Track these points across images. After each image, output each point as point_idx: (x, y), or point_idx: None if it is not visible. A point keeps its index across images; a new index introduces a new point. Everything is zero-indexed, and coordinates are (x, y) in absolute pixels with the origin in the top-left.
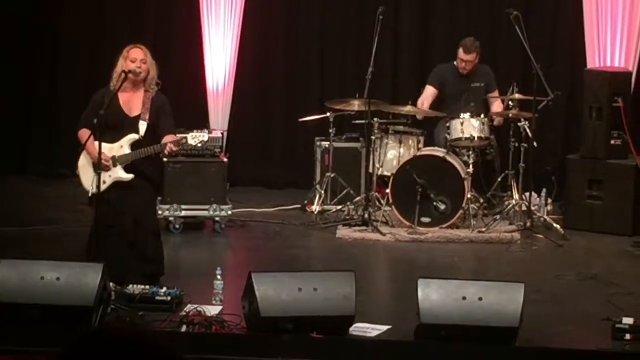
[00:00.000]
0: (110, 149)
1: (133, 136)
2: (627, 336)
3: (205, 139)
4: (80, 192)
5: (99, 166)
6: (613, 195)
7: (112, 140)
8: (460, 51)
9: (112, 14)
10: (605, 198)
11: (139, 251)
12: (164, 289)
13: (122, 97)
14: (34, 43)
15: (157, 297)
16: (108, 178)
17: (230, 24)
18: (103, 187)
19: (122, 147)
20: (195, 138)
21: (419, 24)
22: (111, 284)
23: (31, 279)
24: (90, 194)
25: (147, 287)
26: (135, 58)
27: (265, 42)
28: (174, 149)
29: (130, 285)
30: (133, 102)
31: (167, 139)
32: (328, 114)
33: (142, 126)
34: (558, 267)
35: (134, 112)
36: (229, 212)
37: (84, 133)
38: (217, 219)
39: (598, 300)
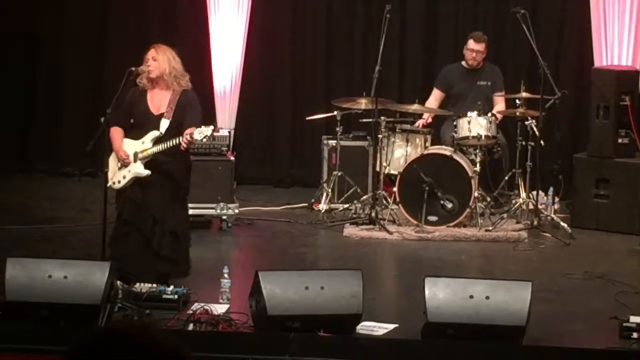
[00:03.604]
0: (133, 146)
1: (154, 133)
2: (635, 335)
3: (209, 133)
4: (87, 191)
5: (107, 161)
6: (620, 194)
7: (137, 137)
8: (471, 41)
9: (116, 13)
10: (612, 197)
11: (154, 249)
12: (171, 287)
13: (151, 96)
14: (37, 41)
15: (165, 296)
16: (128, 173)
17: (237, 23)
18: (123, 182)
19: (143, 143)
20: (200, 133)
21: (426, 23)
22: (119, 282)
23: (39, 278)
24: (107, 186)
25: (155, 285)
26: (148, 57)
27: (273, 41)
28: (189, 139)
29: (138, 284)
30: (161, 101)
31: (186, 132)
32: (335, 112)
33: (164, 124)
34: (565, 266)
35: (160, 111)
36: (236, 211)
37: (112, 131)
38: (224, 217)
39: (605, 299)
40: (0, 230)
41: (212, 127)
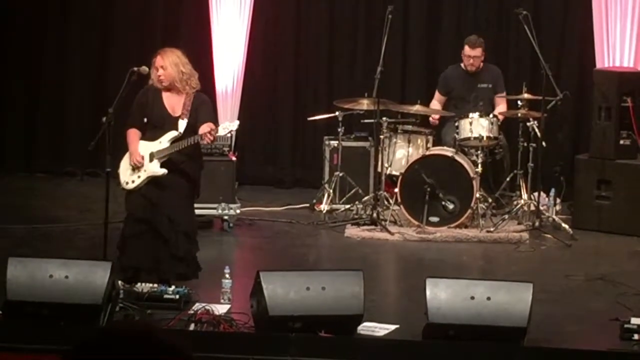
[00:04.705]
0: (149, 147)
1: (172, 133)
2: (635, 336)
3: (234, 128)
4: (89, 191)
5: (109, 160)
6: (622, 196)
7: (154, 138)
8: (466, 48)
9: (119, 15)
10: (614, 198)
11: (172, 250)
12: (173, 287)
13: (167, 98)
14: (41, 42)
15: (166, 296)
16: (143, 173)
17: (239, 23)
18: (138, 181)
19: (160, 142)
20: (225, 128)
21: (428, 24)
22: (120, 282)
23: (40, 277)
24: (121, 188)
25: (156, 285)
26: (156, 66)
27: (274, 41)
28: (211, 137)
29: (139, 284)
30: (176, 103)
31: (203, 128)
32: (337, 113)
33: (182, 124)
34: (566, 267)
35: (177, 113)
36: (238, 211)
37: (130, 133)
38: (225, 217)
39: (606, 300)
40: (1, 229)
41: (237, 122)
